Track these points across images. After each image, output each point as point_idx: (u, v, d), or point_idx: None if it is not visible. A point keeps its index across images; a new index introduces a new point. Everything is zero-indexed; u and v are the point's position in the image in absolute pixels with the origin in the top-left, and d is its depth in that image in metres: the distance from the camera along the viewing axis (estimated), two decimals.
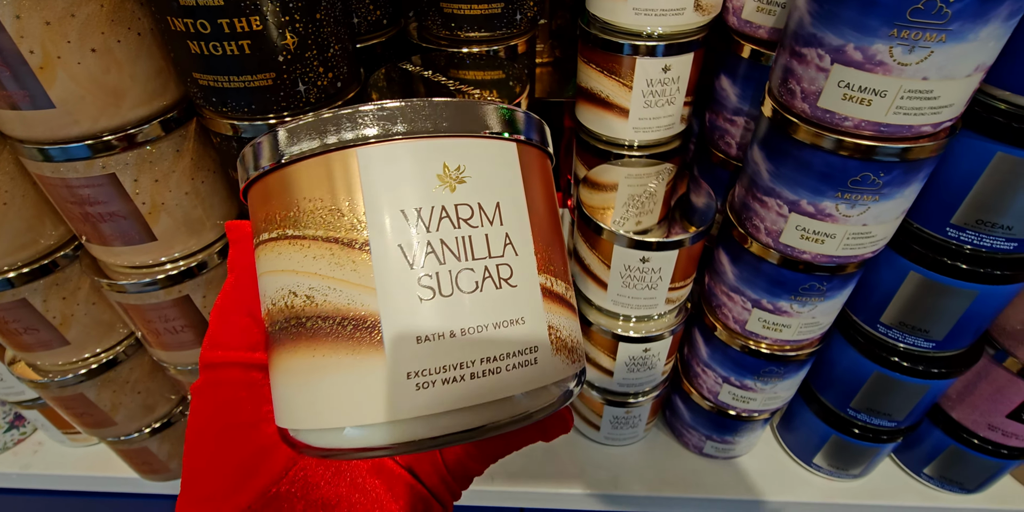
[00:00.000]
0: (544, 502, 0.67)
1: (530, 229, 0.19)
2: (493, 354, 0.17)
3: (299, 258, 0.17)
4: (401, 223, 0.17)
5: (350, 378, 0.16)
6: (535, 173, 0.20)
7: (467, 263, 0.17)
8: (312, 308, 0.17)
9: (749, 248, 0.46)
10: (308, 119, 0.17)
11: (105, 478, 0.69)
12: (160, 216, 0.43)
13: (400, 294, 0.16)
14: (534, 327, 0.18)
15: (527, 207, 0.19)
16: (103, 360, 0.54)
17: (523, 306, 0.18)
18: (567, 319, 0.19)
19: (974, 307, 0.44)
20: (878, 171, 0.35)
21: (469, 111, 0.18)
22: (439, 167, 0.17)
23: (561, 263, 0.20)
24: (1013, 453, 0.56)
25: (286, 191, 0.18)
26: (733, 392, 0.57)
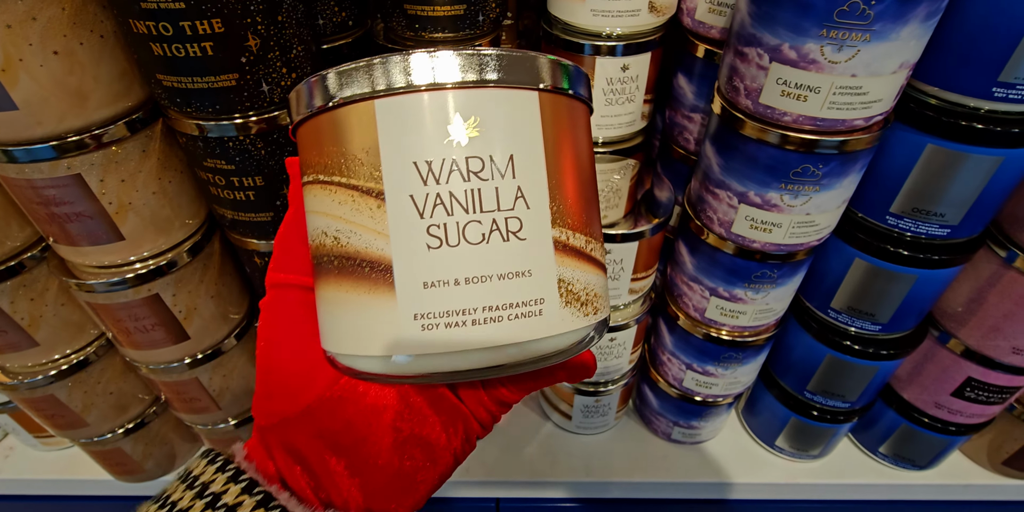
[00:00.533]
0: (520, 492, 0.69)
1: (546, 182, 0.18)
2: (495, 303, 0.18)
3: (328, 202, 0.19)
4: (412, 174, 0.18)
5: (366, 313, 0.18)
6: (561, 123, 0.19)
7: (475, 216, 0.18)
8: (339, 248, 0.19)
9: (705, 239, 0.48)
10: (333, 71, 0.18)
11: (78, 481, 0.69)
12: (127, 216, 0.43)
13: (410, 242, 0.18)
14: (541, 280, 0.18)
15: (545, 159, 0.19)
16: (73, 361, 0.54)
17: (531, 259, 0.18)
18: (584, 272, 0.19)
19: (915, 291, 0.46)
20: (817, 163, 0.38)
21: (486, 61, 0.18)
22: (451, 119, 0.18)
23: (584, 216, 0.20)
24: (959, 429, 0.59)
25: (316, 140, 0.19)
26: (696, 378, 0.59)
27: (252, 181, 0.43)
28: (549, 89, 0.19)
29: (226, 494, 0.21)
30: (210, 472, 0.22)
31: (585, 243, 0.20)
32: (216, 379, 0.57)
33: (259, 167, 0.42)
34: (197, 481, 0.22)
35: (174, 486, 0.23)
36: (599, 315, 0.20)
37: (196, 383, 0.56)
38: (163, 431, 0.65)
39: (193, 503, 0.21)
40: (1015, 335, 0.48)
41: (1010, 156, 0.38)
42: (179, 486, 0.23)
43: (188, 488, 0.22)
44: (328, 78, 0.18)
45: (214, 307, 0.53)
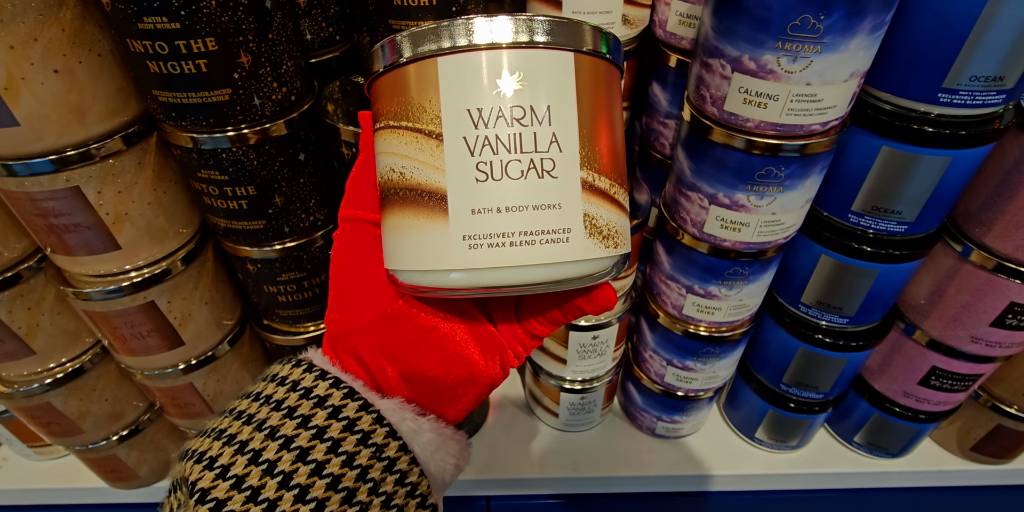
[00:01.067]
0: (509, 489, 0.70)
1: (577, 130, 0.21)
2: (530, 229, 0.21)
3: (397, 143, 0.22)
4: (465, 120, 0.21)
5: (425, 234, 0.22)
6: (593, 81, 0.22)
7: (516, 155, 0.21)
8: (403, 181, 0.22)
9: (681, 239, 0.50)
10: (403, 35, 0.22)
11: (74, 490, 0.69)
12: (124, 226, 0.45)
13: (461, 176, 0.21)
14: (569, 212, 0.21)
15: (578, 111, 0.22)
16: (69, 369, 0.55)
17: (561, 194, 0.21)
18: (607, 211, 0.22)
19: (878, 284, 0.49)
20: (779, 165, 0.40)
21: (531, 26, 0.21)
22: (499, 74, 0.21)
23: (610, 162, 0.23)
24: (928, 417, 0.61)
25: (389, 92, 0.23)
26: (677, 373, 0.61)
27: (245, 191, 0.45)
28: (585, 51, 0.22)
29: (316, 388, 0.25)
30: (297, 373, 0.25)
31: (609, 186, 0.22)
32: (210, 384, 0.58)
33: (251, 177, 0.44)
34: (287, 380, 0.25)
35: (262, 386, 0.26)
36: (619, 249, 0.23)
37: (191, 388, 0.57)
38: (157, 438, 0.66)
39: (288, 395, 0.25)
40: (973, 325, 0.51)
41: (958, 156, 0.40)
42: (268, 385, 0.26)
43: (279, 385, 0.25)
44: (399, 40, 0.22)
45: (208, 313, 0.54)
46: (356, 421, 0.24)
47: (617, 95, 0.24)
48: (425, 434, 0.26)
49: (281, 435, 0.23)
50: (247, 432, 0.24)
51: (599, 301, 0.26)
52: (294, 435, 0.23)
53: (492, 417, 0.75)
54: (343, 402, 0.24)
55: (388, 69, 0.22)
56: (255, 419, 0.24)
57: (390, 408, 0.25)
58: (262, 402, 0.25)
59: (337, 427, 0.24)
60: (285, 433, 0.23)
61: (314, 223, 0.50)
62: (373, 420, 0.24)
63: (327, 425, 0.24)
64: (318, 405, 0.24)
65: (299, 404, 0.24)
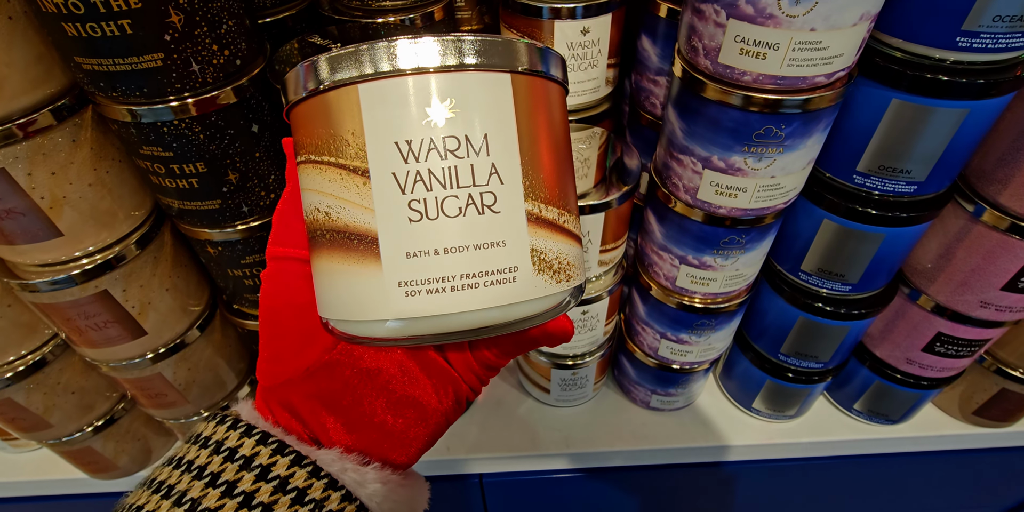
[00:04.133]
0: (502, 466, 0.69)
1: (519, 159, 0.20)
2: (472, 271, 0.19)
3: (320, 180, 0.20)
4: (394, 154, 0.19)
5: (356, 282, 0.20)
6: (534, 102, 0.20)
7: (452, 191, 0.19)
8: (330, 223, 0.20)
9: (673, 207, 0.47)
10: (322, 58, 0.20)
11: (53, 481, 0.67)
12: (63, 210, 0.41)
13: (393, 216, 0.19)
14: (515, 249, 0.20)
15: (518, 137, 0.20)
16: (29, 362, 0.52)
17: (505, 230, 0.19)
18: (557, 243, 0.21)
19: (883, 249, 0.46)
20: (779, 123, 0.36)
21: (460, 46, 0.19)
22: (429, 101, 0.19)
23: (557, 190, 0.21)
24: (931, 383, 0.59)
25: (307, 123, 0.21)
26: (671, 347, 0.59)
27: (193, 168, 0.41)
28: (523, 71, 0.20)
29: (242, 447, 0.22)
30: (221, 431, 0.23)
31: (558, 215, 0.21)
32: (181, 372, 0.55)
33: (199, 153, 0.40)
34: (210, 440, 0.23)
35: (185, 448, 0.24)
36: (572, 282, 0.21)
37: (160, 378, 0.54)
38: (134, 426, 0.64)
39: (211, 459, 0.22)
40: (983, 289, 0.48)
41: (975, 108, 0.37)
42: (191, 448, 0.24)
43: (202, 447, 0.23)
44: (317, 64, 0.20)
45: (171, 300, 0.51)
46: (288, 479, 0.22)
47: (562, 115, 0.22)
48: (370, 485, 0.24)
49: (203, 510, 0.21)
50: (165, 509, 0.21)
51: (555, 334, 0.24)
52: (217, 507, 0.21)
53: (483, 394, 0.73)
54: (272, 460, 0.22)
55: (306, 97, 0.20)
56: (175, 491, 0.22)
57: (329, 459, 0.23)
58: (183, 469, 0.22)
59: (267, 490, 0.21)
60: (207, 506, 0.21)
61: (276, 201, 0.46)
62: (308, 474, 0.22)
63: (255, 489, 0.21)
64: (244, 468, 0.22)
65: (223, 469, 0.22)
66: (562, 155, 0.22)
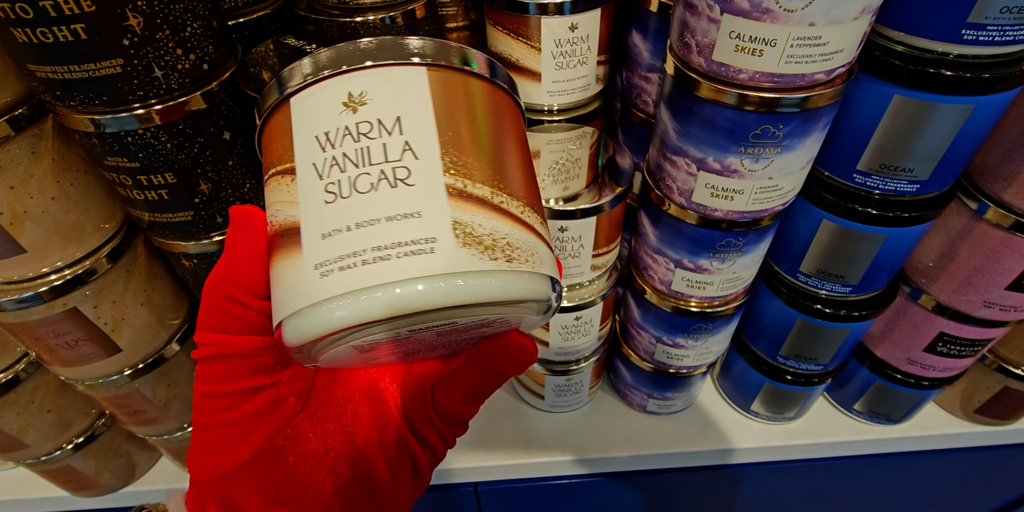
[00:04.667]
0: (496, 475, 0.67)
1: (437, 138, 0.20)
2: (383, 243, 0.18)
3: (272, 190, 0.21)
4: (313, 146, 0.20)
5: (288, 275, 0.20)
6: (456, 93, 0.21)
7: (365, 168, 0.19)
8: (276, 226, 0.21)
9: (667, 209, 0.45)
10: (269, 84, 0.22)
11: (34, 500, 0.65)
12: (24, 226, 0.39)
13: (311, 202, 0.20)
14: (432, 221, 0.19)
15: (436, 120, 0.20)
16: (1, 381, 0.50)
17: (419, 202, 0.19)
18: (488, 219, 0.20)
19: (884, 250, 0.44)
20: (777, 123, 0.35)
21: (369, 49, 0.21)
22: (344, 96, 0.20)
23: (490, 170, 0.20)
24: (932, 384, 0.58)
25: (266, 145, 0.22)
26: (667, 351, 0.57)
27: (162, 178, 0.38)
28: (442, 65, 0.21)
29: None
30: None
31: (491, 194, 0.20)
32: (160, 389, 0.53)
33: (167, 163, 0.38)
34: None
35: None
36: (522, 266, 0.20)
37: (139, 395, 0.52)
38: (116, 443, 0.62)
39: None
40: (986, 288, 0.47)
41: (981, 103, 0.35)
42: None
43: None
44: (262, 96, 0.22)
45: (147, 314, 0.49)
46: None
47: (488, 106, 0.22)
48: None
49: None
50: None
51: (514, 352, 0.22)
52: None
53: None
54: None
55: (262, 124, 0.22)
56: None
57: None
58: None
59: None
60: None
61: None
62: None
63: None
64: None
65: None
66: (497, 144, 0.21)
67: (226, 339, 0.21)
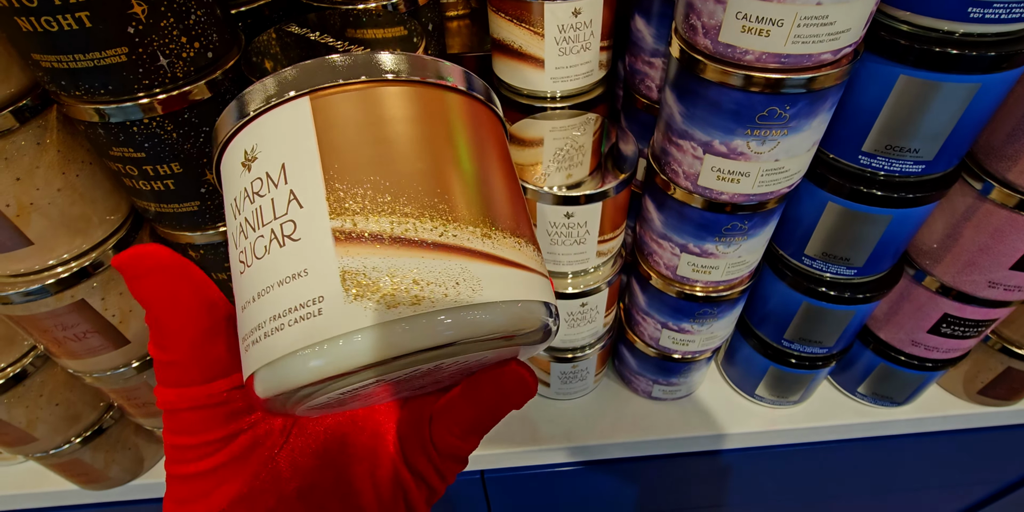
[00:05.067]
0: (503, 462, 0.68)
1: (321, 175, 0.18)
2: (277, 312, 0.17)
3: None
4: (229, 215, 0.20)
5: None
6: (347, 113, 0.19)
7: (260, 231, 0.18)
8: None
9: (672, 194, 0.45)
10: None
11: (43, 494, 0.65)
12: (31, 217, 0.39)
13: (234, 274, 0.19)
14: (319, 277, 0.17)
15: (320, 152, 0.18)
16: (9, 375, 0.50)
17: (305, 258, 0.17)
18: (392, 258, 0.17)
19: (889, 231, 0.45)
20: (783, 104, 0.35)
21: (247, 97, 0.19)
22: (242, 156, 0.19)
23: (391, 195, 0.18)
24: (936, 365, 0.58)
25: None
26: (672, 336, 0.58)
27: (168, 169, 0.38)
28: (327, 86, 0.19)
29: None
30: None
31: (393, 225, 0.17)
32: None
33: (173, 152, 0.38)
34: None
35: None
36: (429, 306, 0.17)
37: (148, 387, 0.52)
38: (124, 435, 0.62)
39: None
40: (991, 268, 0.47)
41: (987, 82, 0.35)
42: None
43: None
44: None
45: None
46: None
47: (425, 120, 0.19)
48: None
49: None
50: None
51: (508, 385, 0.20)
52: None
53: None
54: None
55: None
56: None
57: None
58: None
59: None
60: None
61: None
62: None
63: None
64: None
65: None
66: (418, 155, 0.18)
67: (187, 391, 0.19)
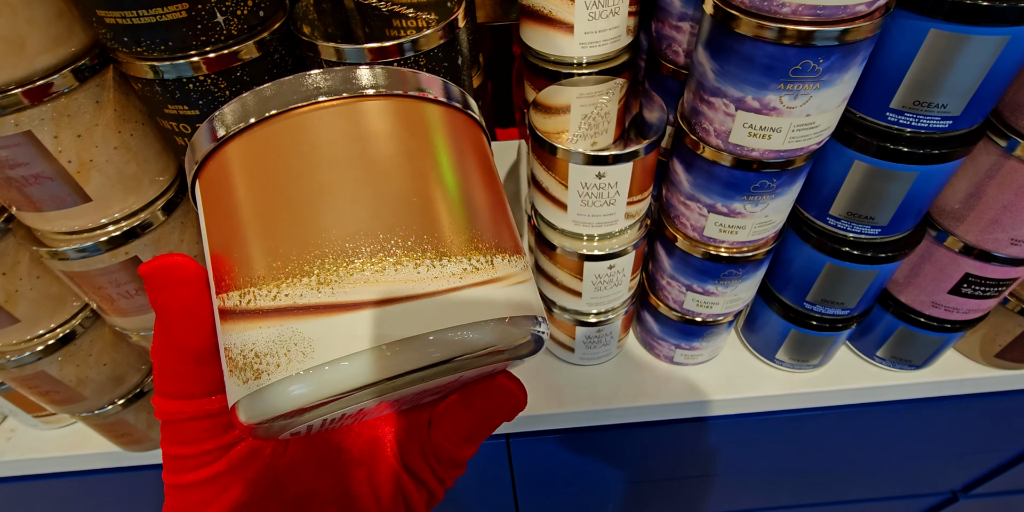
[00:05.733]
0: (529, 426, 0.70)
1: (209, 255, 0.19)
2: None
3: None
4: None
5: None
6: (218, 177, 0.19)
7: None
8: None
9: (701, 153, 0.46)
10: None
11: (86, 456, 0.68)
12: (91, 174, 0.40)
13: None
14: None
15: (207, 228, 0.19)
16: (59, 335, 0.52)
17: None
18: (242, 333, 0.17)
19: (915, 189, 0.46)
20: (817, 57, 0.36)
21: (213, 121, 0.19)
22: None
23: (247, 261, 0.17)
24: (955, 326, 0.60)
25: None
26: (697, 299, 0.59)
27: None
28: (199, 166, 0.20)
29: None
30: None
31: (240, 297, 0.17)
32: None
33: None
34: None
35: None
36: (267, 378, 0.16)
37: None
38: None
39: None
40: (1014, 226, 0.48)
41: (1016, 35, 0.36)
42: None
43: None
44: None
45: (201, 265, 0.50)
46: None
47: (299, 167, 0.18)
48: None
49: None
50: None
51: (498, 397, 0.20)
52: None
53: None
54: None
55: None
56: None
57: None
58: None
59: None
60: None
61: None
62: None
63: None
64: None
65: None
66: (285, 207, 0.17)
67: (185, 404, 0.20)
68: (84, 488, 0.74)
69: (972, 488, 0.97)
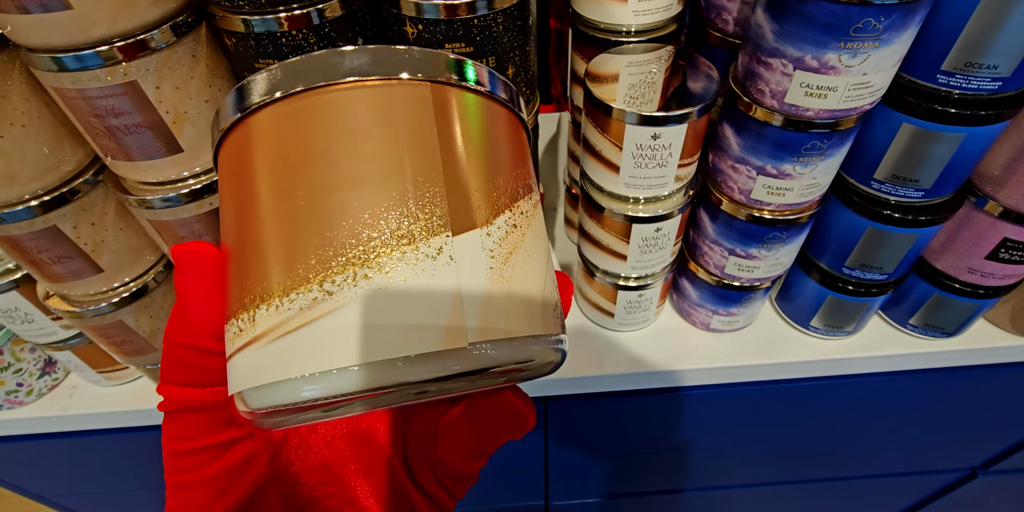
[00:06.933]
0: (567, 389, 0.72)
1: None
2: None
3: None
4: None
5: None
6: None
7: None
8: None
9: (754, 114, 0.48)
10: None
11: (148, 411, 0.71)
12: (184, 126, 0.43)
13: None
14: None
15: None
16: (133, 289, 0.55)
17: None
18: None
19: (961, 151, 0.48)
20: (878, 15, 0.38)
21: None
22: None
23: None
24: (988, 292, 0.62)
25: None
26: (739, 263, 0.61)
27: None
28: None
29: None
30: None
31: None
32: None
33: None
34: None
35: None
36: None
37: None
38: None
39: None
40: None
41: None
42: None
43: None
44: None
45: None
46: None
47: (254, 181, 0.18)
48: None
49: None
50: None
51: (504, 414, 0.20)
52: None
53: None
54: None
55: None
56: None
57: None
58: None
59: None
60: None
61: None
62: None
63: None
64: None
65: None
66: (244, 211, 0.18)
67: (190, 393, 0.20)
68: (143, 445, 0.78)
69: (992, 464, 0.99)
